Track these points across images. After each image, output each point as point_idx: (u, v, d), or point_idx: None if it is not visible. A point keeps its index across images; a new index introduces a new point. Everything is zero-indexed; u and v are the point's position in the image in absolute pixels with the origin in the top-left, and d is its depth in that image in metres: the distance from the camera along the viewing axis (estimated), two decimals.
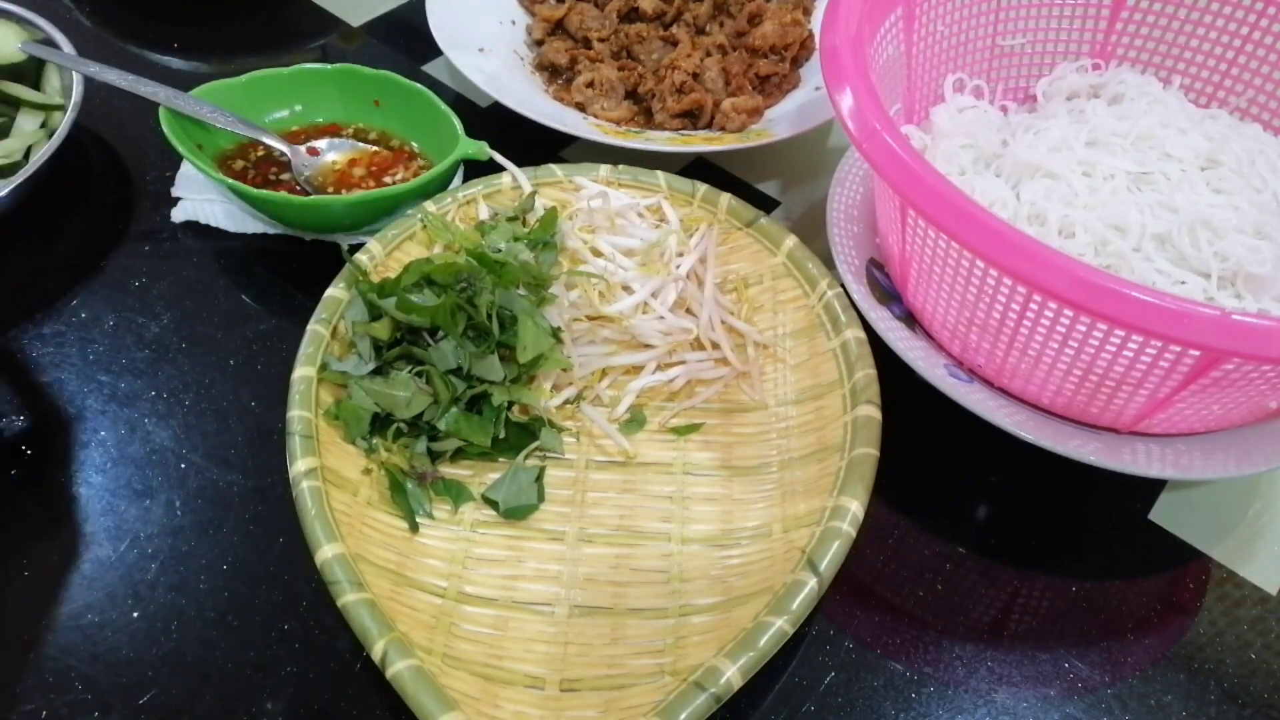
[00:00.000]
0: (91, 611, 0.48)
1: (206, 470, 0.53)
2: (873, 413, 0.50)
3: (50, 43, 0.67)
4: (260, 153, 0.67)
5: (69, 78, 0.67)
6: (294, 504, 0.45)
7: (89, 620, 0.47)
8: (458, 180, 0.66)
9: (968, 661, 0.48)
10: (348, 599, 0.42)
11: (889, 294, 0.58)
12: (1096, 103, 0.63)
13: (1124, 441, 0.51)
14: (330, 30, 0.84)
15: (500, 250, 0.56)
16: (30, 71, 0.69)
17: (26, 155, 0.65)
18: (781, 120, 0.72)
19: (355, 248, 0.57)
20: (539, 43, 0.79)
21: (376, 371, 0.51)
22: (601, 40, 0.77)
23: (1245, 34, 0.63)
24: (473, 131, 0.64)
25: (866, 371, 0.52)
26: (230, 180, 0.60)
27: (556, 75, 0.77)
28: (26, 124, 0.66)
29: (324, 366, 0.51)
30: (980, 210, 0.44)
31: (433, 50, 0.74)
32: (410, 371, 0.51)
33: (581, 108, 0.73)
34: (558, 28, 0.79)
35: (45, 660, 0.46)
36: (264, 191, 0.60)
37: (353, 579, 0.43)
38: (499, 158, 0.63)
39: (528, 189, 0.62)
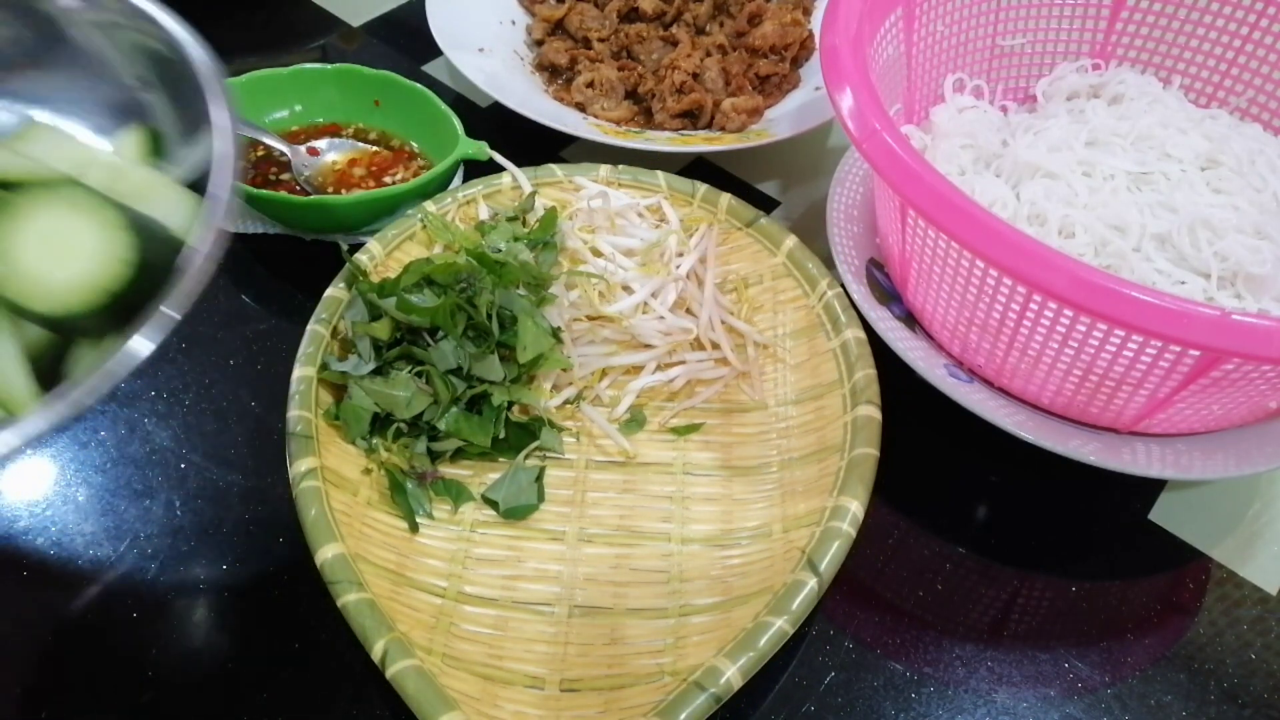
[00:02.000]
0: (91, 612, 0.48)
1: (206, 470, 0.53)
2: (873, 413, 0.50)
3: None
4: (260, 152, 0.67)
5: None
6: (294, 504, 0.45)
7: (89, 621, 0.47)
8: (458, 180, 0.66)
9: (968, 661, 0.48)
10: (348, 599, 0.42)
11: (889, 294, 0.58)
12: (1096, 103, 0.63)
13: (1124, 441, 0.51)
14: (330, 30, 0.84)
15: (500, 250, 0.56)
16: None
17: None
18: (781, 120, 0.72)
19: (355, 248, 0.57)
20: (539, 43, 0.79)
21: (376, 371, 0.51)
22: (601, 40, 0.77)
23: (1245, 34, 0.63)
24: (473, 131, 0.64)
25: (866, 371, 0.52)
26: None
27: (556, 75, 0.77)
28: None
29: (324, 366, 0.51)
30: (980, 210, 0.44)
31: (433, 50, 0.74)
32: (410, 371, 0.51)
33: (581, 108, 0.73)
34: (558, 28, 0.79)
35: (45, 660, 0.46)
36: (264, 191, 0.60)
37: (353, 579, 0.43)
38: (499, 158, 0.63)
39: (528, 189, 0.62)
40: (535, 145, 0.71)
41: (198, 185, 0.36)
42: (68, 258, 0.31)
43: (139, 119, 0.39)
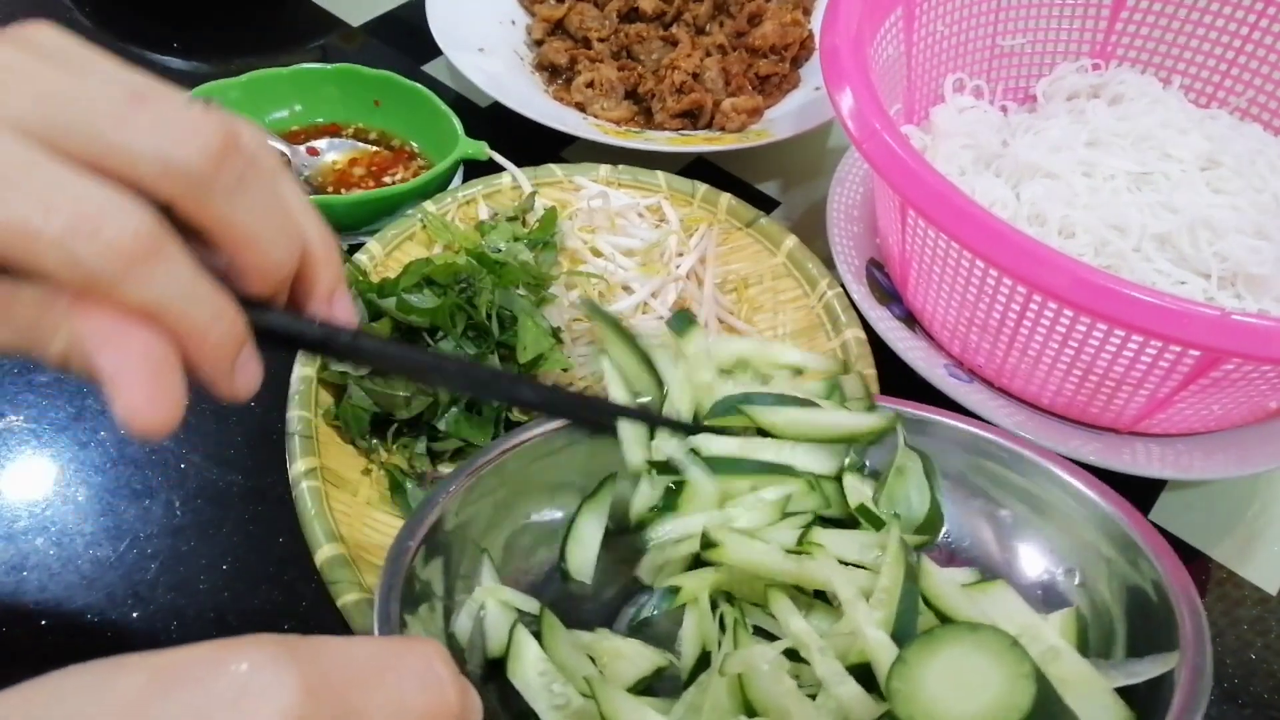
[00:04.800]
0: (91, 612, 0.48)
1: (206, 470, 0.53)
2: None
3: None
4: None
5: None
6: (294, 504, 0.45)
7: (89, 621, 0.47)
8: (457, 180, 0.66)
9: None
10: (347, 599, 0.42)
11: (889, 294, 0.58)
12: (1096, 103, 0.63)
13: (1124, 441, 0.51)
14: (330, 30, 0.84)
15: (500, 250, 0.56)
16: None
17: None
18: (781, 120, 0.72)
19: (355, 247, 0.57)
20: (539, 43, 0.79)
21: (376, 371, 0.51)
22: (601, 40, 0.77)
23: (1245, 34, 0.63)
24: (472, 131, 0.64)
25: (867, 372, 0.52)
26: None
27: (556, 75, 0.77)
28: None
29: (324, 366, 0.51)
30: (980, 210, 0.44)
31: (432, 50, 0.74)
32: None
33: (581, 108, 0.73)
34: (558, 28, 0.79)
35: (44, 662, 0.46)
36: None
37: (352, 579, 0.43)
38: (499, 158, 0.63)
39: (528, 189, 0.62)
40: (535, 145, 0.71)
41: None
42: (970, 693, 0.31)
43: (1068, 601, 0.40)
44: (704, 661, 0.38)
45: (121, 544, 0.50)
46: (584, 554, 0.42)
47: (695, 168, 0.73)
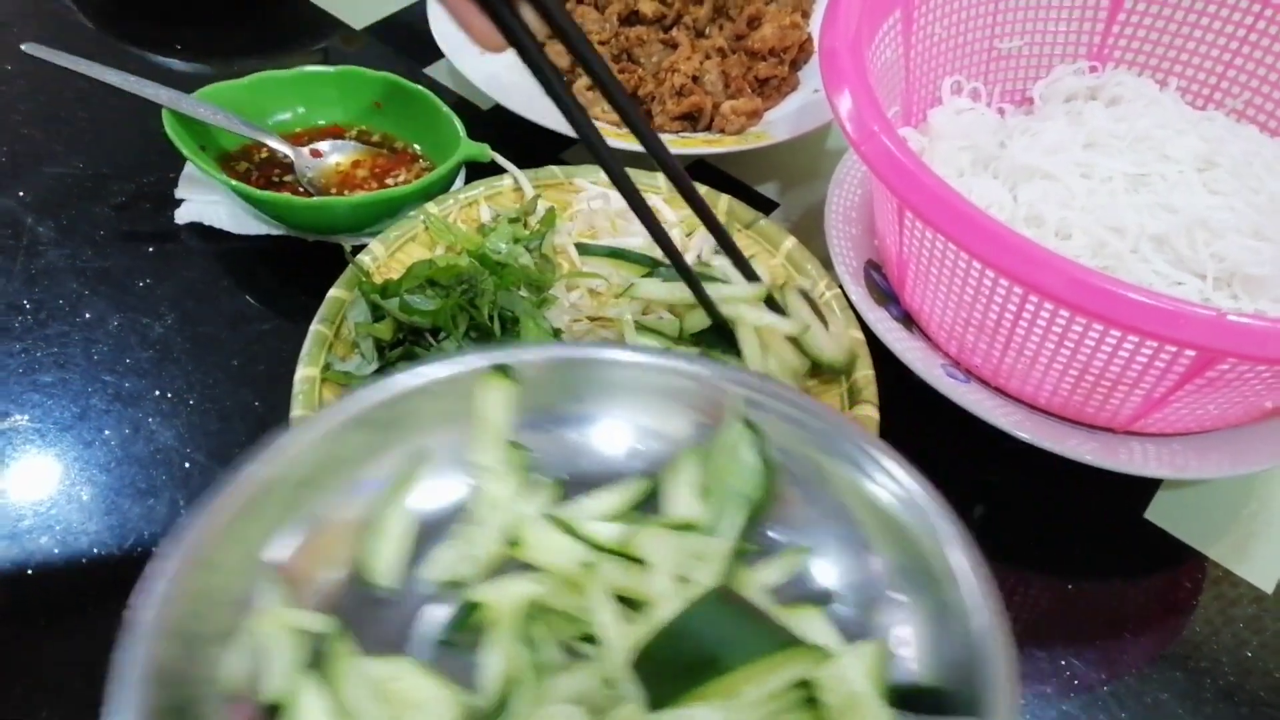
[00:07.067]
0: (95, 611, 0.48)
1: (210, 470, 0.53)
2: (871, 413, 0.50)
3: None
4: (263, 154, 0.67)
5: None
6: None
7: (92, 620, 0.48)
8: (459, 182, 0.66)
9: None
10: None
11: (887, 295, 0.58)
12: (1094, 105, 0.63)
13: (1120, 441, 0.52)
14: (332, 33, 0.85)
15: (501, 251, 0.56)
16: None
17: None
18: (780, 122, 0.72)
19: (358, 249, 0.57)
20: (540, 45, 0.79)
21: (379, 372, 0.52)
22: (602, 43, 0.78)
23: (1242, 36, 0.63)
24: (474, 133, 0.64)
25: (865, 372, 0.52)
26: (234, 182, 0.60)
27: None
28: None
29: (327, 367, 0.51)
30: (977, 212, 0.44)
31: (434, 53, 0.74)
32: None
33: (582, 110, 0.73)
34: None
35: (47, 662, 0.46)
36: (267, 193, 0.60)
37: None
38: (500, 160, 0.64)
39: (529, 191, 0.62)
40: (536, 147, 0.71)
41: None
42: None
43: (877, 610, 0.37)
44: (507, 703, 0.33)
45: (126, 543, 0.50)
46: (390, 552, 0.36)
47: (695, 170, 0.73)
